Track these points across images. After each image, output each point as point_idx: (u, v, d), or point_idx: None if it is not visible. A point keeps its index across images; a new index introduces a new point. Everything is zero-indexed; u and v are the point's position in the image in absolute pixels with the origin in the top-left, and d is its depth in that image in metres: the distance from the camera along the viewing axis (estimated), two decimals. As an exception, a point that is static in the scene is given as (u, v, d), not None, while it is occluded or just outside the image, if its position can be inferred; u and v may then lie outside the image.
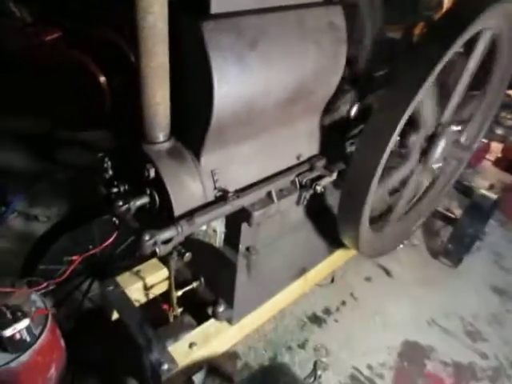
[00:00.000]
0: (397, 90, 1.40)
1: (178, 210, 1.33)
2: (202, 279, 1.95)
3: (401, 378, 2.20)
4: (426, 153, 1.78)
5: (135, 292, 1.96)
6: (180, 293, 1.86)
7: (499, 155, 3.90)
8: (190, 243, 1.78)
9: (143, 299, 2.02)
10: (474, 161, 3.80)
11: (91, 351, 2.10)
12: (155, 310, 1.92)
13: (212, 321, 1.85)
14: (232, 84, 1.22)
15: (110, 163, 1.36)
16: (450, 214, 2.87)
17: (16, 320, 1.55)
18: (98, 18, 3.51)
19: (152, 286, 2.02)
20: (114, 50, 3.45)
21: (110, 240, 1.60)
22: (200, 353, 1.73)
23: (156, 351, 1.67)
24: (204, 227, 1.71)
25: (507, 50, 1.86)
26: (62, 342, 1.86)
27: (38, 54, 3.16)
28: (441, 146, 1.76)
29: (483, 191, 2.70)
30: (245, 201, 1.48)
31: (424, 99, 1.48)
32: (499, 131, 4.34)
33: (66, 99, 3.21)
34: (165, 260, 1.84)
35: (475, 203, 2.62)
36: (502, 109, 4.71)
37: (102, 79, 3.28)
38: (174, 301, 1.84)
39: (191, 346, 1.73)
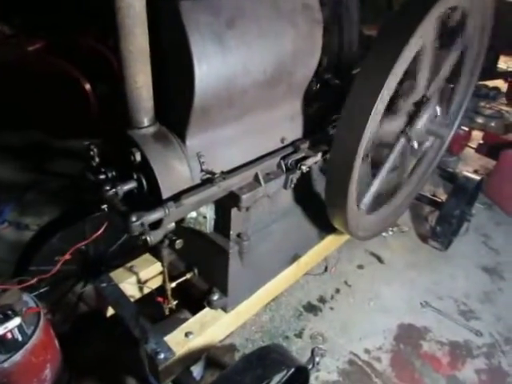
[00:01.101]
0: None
1: (165, 193, 1.35)
2: (196, 270, 1.95)
3: (398, 360, 2.22)
4: (411, 119, 1.82)
5: (129, 287, 1.96)
6: (174, 284, 1.86)
7: (481, 142, 3.98)
8: (182, 235, 1.80)
9: (138, 294, 2.02)
10: (457, 149, 3.88)
11: (88, 351, 2.09)
12: (151, 308, 1.92)
13: (207, 309, 1.85)
14: (212, 63, 1.25)
15: (96, 151, 1.37)
16: (436, 199, 2.92)
17: (7, 319, 1.53)
18: (80, 29, 3.55)
19: (146, 281, 2.02)
20: (97, 58, 3.49)
21: (100, 231, 1.61)
22: (196, 341, 1.72)
23: (152, 342, 1.67)
24: (194, 214, 1.74)
25: (477, 29, 1.94)
26: (57, 343, 1.84)
27: (22, 64, 3.18)
28: (425, 115, 1.80)
29: (467, 173, 2.76)
30: (232, 182, 1.50)
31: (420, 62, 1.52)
32: (479, 120, 4.47)
33: (53, 108, 3.23)
34: (157, 251, 1.84)
35: (460, 185, 2.67)
36: (481, 99, 4.85)
37: (87, 86, 3.32)
38: (169, 293, 1.84)
39: (187, 335, 1.72)
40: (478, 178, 2.72)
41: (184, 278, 1.92)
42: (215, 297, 1.85)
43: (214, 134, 1.45)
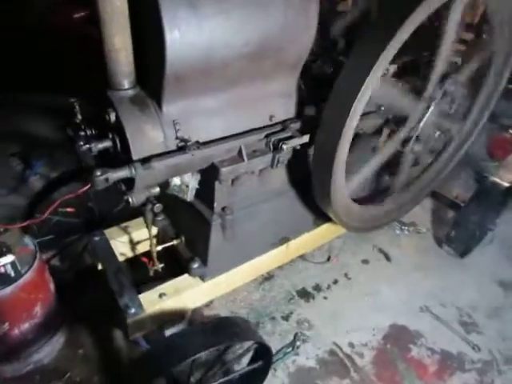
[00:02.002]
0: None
1: (136, 154, 1.40)
2: (183, 238, 2.01)
3: (381, 358, 2.15)
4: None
5: (120, 245, 2.06)
6: (159, 248, 1.94)
7: (530, 148, 3.64)
8: (173, 203, 1.85)
9: (129, 253, 2.12)
10: (501, 154, 3.58)
11: (84, 300, 2.23)
12: (143, 271, 2.01)
13: (186, 276, 1.90)
14: (185, 30, 1.26)
15: (78, 108, 1.45)
16: (458, 202, 2.74)
17: (0, 255, 1.70)
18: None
19: (138, 242, 2.12)
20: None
21: (87, 187, 1.70)
22: (169, 303, 1.79)
23: (126, 296, 1.76)
24: (178, 182, 1.78)
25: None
26: (52, 285, 2.00)
27: (66, 30, 3.41)
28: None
29: (495, 178, 2.55)
30: (210, 153, 1.52)
31: None
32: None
33: (92, 73, 3.40)
34: (142, 214, 1.92)
35: (483, 190, 2.49)
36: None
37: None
38: (154, 255, 1.92)
39: (161, 296, 1.80)
40: (505, 184, 2.50)
41: (170, 244, 1.99)
42: (195, 265, 1.89)
43: (192, 103, 1.47)
